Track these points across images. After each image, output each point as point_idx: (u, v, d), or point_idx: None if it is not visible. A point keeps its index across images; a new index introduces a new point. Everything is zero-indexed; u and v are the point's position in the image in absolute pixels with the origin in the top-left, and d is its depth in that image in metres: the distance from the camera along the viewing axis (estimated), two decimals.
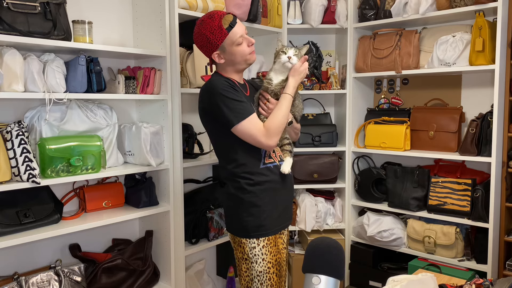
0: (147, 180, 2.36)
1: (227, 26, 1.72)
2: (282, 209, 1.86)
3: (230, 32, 1.73)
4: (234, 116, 1.68)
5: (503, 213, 2.62)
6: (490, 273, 2.55)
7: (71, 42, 1.96)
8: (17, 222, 1.87)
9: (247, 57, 1.80)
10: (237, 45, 1.76)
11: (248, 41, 1.78)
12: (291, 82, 1.80)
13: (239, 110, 1.68)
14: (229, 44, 1.75)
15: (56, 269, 2.02)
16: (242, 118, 1.68)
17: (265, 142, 1.70)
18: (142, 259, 2.32)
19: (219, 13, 1.76)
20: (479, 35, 2.52)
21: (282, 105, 1.76)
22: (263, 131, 1.70)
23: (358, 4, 3.06)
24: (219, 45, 1.75)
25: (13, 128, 1.84)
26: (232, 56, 1.78)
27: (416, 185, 2.86)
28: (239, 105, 1.69)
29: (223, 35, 1.73)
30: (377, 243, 2.98)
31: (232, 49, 1.76)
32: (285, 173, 1.81)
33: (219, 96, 1.69)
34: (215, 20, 1.73)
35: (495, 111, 2.50)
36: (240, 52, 1.77)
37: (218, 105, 1.69)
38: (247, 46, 1.78)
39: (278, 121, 1.73)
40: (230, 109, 1.68)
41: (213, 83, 1.73)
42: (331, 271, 0.94)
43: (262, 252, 1.78)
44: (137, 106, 2.50)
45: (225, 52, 1.77)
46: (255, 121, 1.71)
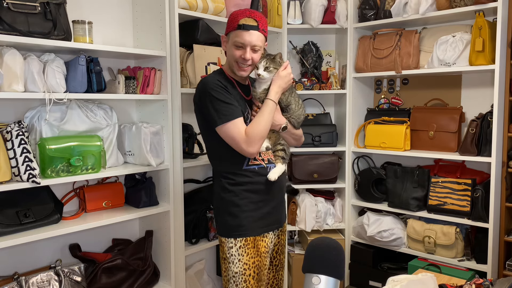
0: (147, 180, 2.36)
1: (241, 23, 1.71)
2: (266, 212, 1.82)
3: (236, 31, 1.72)
4: (218, 117, 1.67)
5: (503, 213, 2.62)
6: (490, 273, 2.55)
7: (71, 42, 1.96)
8: (17, 222, 1.87)
9: (233, 63, 1.77)
10: (234, 46, 1.74)
11: (245, 54, 1.73)
12: (272, 88, 1.76)
13: (225, 112, 1.67)
14: (231, 38, 1.75)
15: (56, 269, 2.02)
16: (226, 120, 1.67)
17: (245, 149, 1.68)
18: (142, 259, 2.32)
19: (253, 12, 1.75)
20: (479, 35, 2.52)
21: (263, 112, 1.73)
22: (244, 137, 1.67)
23: (358, 4, 3.06)
24: (228, 31, 1.77)
25: (13, 128, 1.84)
26: (228, 51, 1.78)
27: (416, 185, 2.86)
28: (226, 107, 1.67)
29: (231, 27, 1.74)
30: (377, 243, 2.98)
31: (230, 44, 1.76)
32: (270, 180, 1.76)
33: (208, 95, 1.69)
34: (243, 12, 1.73)
35: (495, 111, 2.50)
36: (231, 53, 1.76)
37: (206, 104, 1.69)
38: (240, 56, 1.74)
39: (259, 128, 1.69)
40: (216, 109, 1.67)
41: (206, 81, 1.74)
42: (331, 271, 0.94)
43: (239, 253, 1.75)
44: (137, 106, 2.50)
45: (228, 42, 1.78)
46: (239, 126, 1.68)
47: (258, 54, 1.76)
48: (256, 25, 1.72)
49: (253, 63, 1.77)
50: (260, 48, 1.76)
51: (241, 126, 1.68)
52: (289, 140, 1.90)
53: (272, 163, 1.83)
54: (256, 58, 1.76)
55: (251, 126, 1.70)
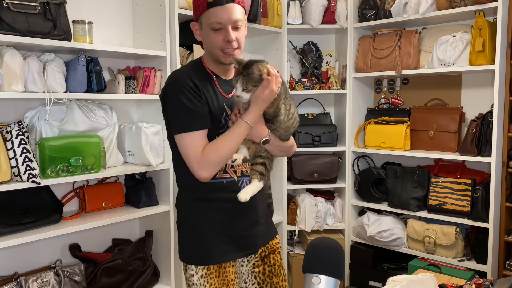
0: (147, 180, 2.36)
1: (209, 0, 1.37)
2: (238, 235, 1.47)
3: (209, 10, 1.38)
4: (175, 124, 1.39)
5: (503, 213, 2.62)
6: (490, 273, 2.55)
7: (71, 42, 1.96)
8: (17, 222, 1.87)
9: (215, 51, 1.42)
10: (210, 29, 1.40)
11: (228, 36, 1.39)
12: (251, 109, 1.38)
13: (184, 119, 1.36)
14: (205, 22, 1.41)
15: (56, 269, 2.02)
16: (182, 129, 1.36)
17: (196, 170, 1.36)
18: (142, 259, 2.32)
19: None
20: (479, 35, 2.52)
21: (231, 133, 1.38)
22: (198, 156, 1.35)
23: (358, 4, 3.06)
24: (198, 14, 1.43)
25: (13, 128, 1.84)
26: (205, 40, 1.46)
27: (416, 185, 2.86)
28: (187, 114, 1.36)
29: (201, 7, 1.40)
30: (377, 243, 2.98)
31: (206, 30, 1.42)
32: (241, 200, 1.38)
33: (171, 94, 1.40)
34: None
35: (495, 111, 2.50)
36: (210, 39, 1.42)
37: (167, 104, 1.42)
38: (221, 39, 1.40)
39: (219, 152, 1.36)
40: (175, 114, 1.39)
41: (174, 77, 1.44)
42: (331, 271, 0.94)
43: (201, 283, 1.44)
44: (137, 106, 2.50)
45: (201, 29, 1.45)
46: (197, 141, 1.36)
47: (242, 30, 1.43)
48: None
49: (239, 44, 1.43)
50: (243, 23, 1.43)
51: (199, 141, 1.36)
52: (275, 152, 1.50)
53: (247, 176, 1.48)
54: (241, 36, 1.43)
55: (210, 146, 1.36)
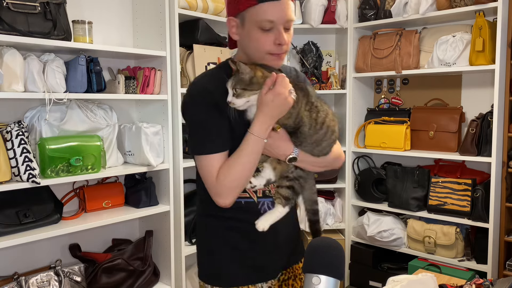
0: (147, 180, 2.36)
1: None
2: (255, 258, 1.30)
3: (259, 5, 1.15)
4: (193, 144, 1.24)
5: (503, 213, 2.61)
6: (490, 273, 2.55)
7: (71, 42, 1.96)
8: (17, 222, 1.87)
9: (261, 55, 1.21)
10: (258, 28, 1.17)
11: (278, 38, 1.18)
12: (256, 118, 1.18)
13: (201, 141, 1.21)
14: (250, 19, 1.18)
15: (56, 269, 2.02)
16: (199, 151, 1.21)
17: (213, 197, 1.21)
18: (142, 259, 2.32)
19: None
20: (479, 35, 2.52)
21: (240, 150, 1.19)
22: (213, 181, 1.19)
23: (358, 4, 3.06)
24: (239, 9, 1.18)
25: (13, 128, 1.84)
26: (246, 40, 1.21)
27: (416, 185, 2.86)
28: (205, 135, 1.20)
29: (249, 0, 1.16)
30: (377, 243, 2.98)
31: (251, 28, 1.18)
32: (258, 229, 1.23)
33: (188, 109, 1.23)
34: None
35: (495, 111, 2.50)
36: (256, 40, 1.19)
37: (185, 119, 1.25)
38: (271, 41, 1.18)
39: (232, 175, 1.18)
40: (192, 132, 1.23)
41: (193, 89, 1.24)
42: (331, 271, 0.94)
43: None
44: (137, 106, 2.50)
45: (243, 26, 1.20)
46: (212, 165, 1.19)
47: (291, 32, 1.23)
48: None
49: (287, 46, 1.22)
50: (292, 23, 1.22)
51: (215, 165, 1.19)
52: (311, 169, 1.29)
53: (270, 197, 1.28)
54: (290, 40, 1.22)
55: (222, 169, 1.19)
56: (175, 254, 2.40)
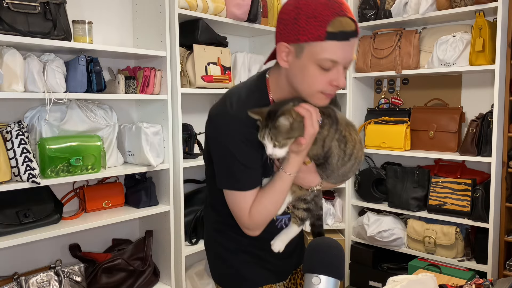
0: (147, 180, 2.36)
1: (331, 29, 1.04)
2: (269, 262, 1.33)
3: (326, 41, 1.05)
4: (226, 178, 1.19)
5: (503, 213, 2.61)
6: (490, 273, 2.55)
7: (71, 42, 1.96)
8: (17, 222, 1.87)
9: (312, 92, 1.12)
10: (316, 65, 1.08)
11: (336, 79, 1.10)
12: (290, 157, 1.15)
13: (232, 177, 1.17)
14: (311, 53, 1.07)
15: (56, 269, 2.02)
16: (230, 187, 1.18)
17: (245, 228, 1.22)
18: (142, 259, 2.32)
19: (336, 2, 1.06)
20: (479, 35, 2.52)
21: (274, 188, 1.17)
22: (245, 218, 1.19)
23: (358, 4, 3.06)
24: (299, 39, 1.07)
25: (13, 128, 1.84)
26: (298, 72, 1.11)
27: (416, 185, 2.86)
28: (237, 171, 1.16)
29: (315, 34, 1.05)
30: (377, 243, 2.98)
31: (308, 63, 1.09)
32: (274, 250, 1.27)
33: (222, 138, 1.15)
34: (330, 8, 1.05)
35: (495, 111, 2.50)
36: (310, 77, 1.10)
37: (216, 151, 1.19)
38: (327, 81, 1.10)
39: (265, 213, 1.19)
40: (223, 165, 1.18)
41: (230, 111, 1.14)
42: (331, 271, 0.94)
43: None
44: (137, 106, 2.50)
45: (298, 57, 1.09)
46: (245, 201, 1.18)
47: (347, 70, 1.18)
48: (355, 28, 1.08)
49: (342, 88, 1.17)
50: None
51: (248, 202, 1.18)
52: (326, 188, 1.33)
53: (287, 214, 1.30)
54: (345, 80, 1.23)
55: (256, 207, 1.18)
56: (175, 254, 2.40)
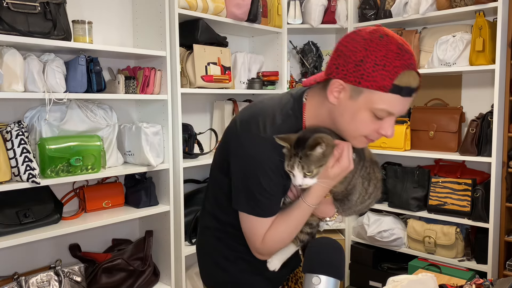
0: (147, 180, 2.36)
1: (398, 83, 1.01)
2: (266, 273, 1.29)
3: (389, 94, 1.01)
4: (247, 202, 1.15)
5: (503, 213, 2.61)
6: (490, 273, 2.55)
7: (71, 42, 1.96)
8: (17, 222, 1.87)
9: (355, 135, 1.10)
10: (370, 112, 1.04)
11: (385, 129, 1.07)
12: (315, 189, 1.12)
13: (255, 203, 1.13)
14: (369, 101, 1.03)
15: (56, 269, 2.01)
16: (251, 212, 1.15)
17: (256, 252, 1.20)
18: (142, 259, 2.32)
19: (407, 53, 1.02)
20: (479, 35, 2.52)
21: (292, 218, 1.15)
22: (259, 243, 1.17)
23: (358, 4, 3.06)
24: (361, 83, 1.02)
25: (13, 128, 1.84)
26: (347, 113, 1.07)
27: (416, 185, 2.86)
28: (260, 197, 1.12)
29: (379, 84, 1.00)
30: (377, 243, 2.98)
31: (363, 109, 1.05)
32: (270, 269, 1.24)
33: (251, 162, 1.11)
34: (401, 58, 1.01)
35: (495, 111, 2.50)
36: (360, 122, 1.06)
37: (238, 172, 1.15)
38: (375, 129, 1.07)
39: (280, 242, 1.18)
40: (246, 188, 1.13)
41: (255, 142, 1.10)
42: (331, 271, 0.94)
43: None
44: (137, 106, 2.50)
45: (352, 99, 1.05)
46: (261, 227, 1.15)
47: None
48: (419, 84, 1.07)
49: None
50: None
51: (264, 228, 1.16)
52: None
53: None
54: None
55: (271, 235, 1.16)
56: (175, 254, 2.40)
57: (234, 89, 2.71)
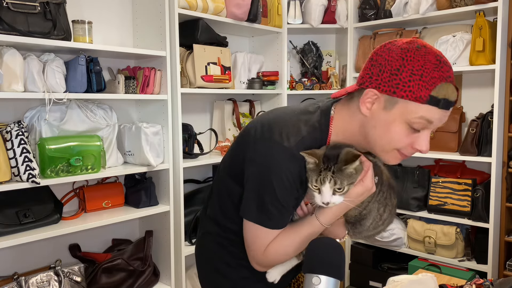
0: (147, 180, 2.36)
1: (435, 95, 0.97)
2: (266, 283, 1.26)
3: (426, 105, 0.97)
4: (255, 210, 1.10)
5: (504, 213, 2.61)
6: (491, 273, 2.55)
7: (71, 42, 1.96)
8: (17, 222, 1.87)
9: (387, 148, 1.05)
10: (405, 124, 1.00)
11: (419, 143, 1.02)
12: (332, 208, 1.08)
13: (269, 214, 1.09)
14: (403, 109, 0.99)
15: (56, 269, 2.01)
16: (260, 222, 1.10)
17: (255, 262, 1.17)
18: (142, 259, 2.32)
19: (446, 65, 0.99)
20: (480, 35, 2.51)
21: (301, 234, 1.11)
22: (260, 253, 1.13)
23: (358, 4, 3.06)
24: (396, 93, 0.99)
25: (13, 128, 1.84)
26: (380, 125, 1.03)
27: (417, 185, 2.85)
28: (272, 208, 1.08)
29: (416, 94, 0.97)
30: (377, 243, 2.98)
31: (398, 120, 1.00)
32: (269, 280, 1.21)
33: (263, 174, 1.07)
34: (440, 70, 0.97)
35: (495, 111, 2.49)
36: (395, 134, 1.02)
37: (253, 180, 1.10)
38: (410, 142, 1.03)
39: (283, 255, 1.14)
40: (259, 200, 1.09)
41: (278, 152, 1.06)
42: (331, 271, 0.94)
43: None
44: (137, 106, 2.50)
45: (386, 109, 1.01)
46: (267, 238, 1.12)
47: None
48: (457, 98, 1.02)
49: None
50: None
51: (269, 239, 1.12)
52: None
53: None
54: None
55: (275, 247, 1.12)
56: (175, 254, 2.40)
57: (234, 89, 2.71)
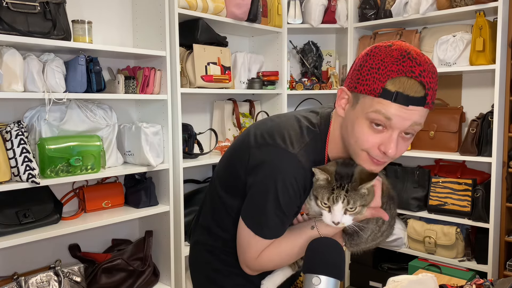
0: (147, 180, 2.36)
1: (389, 87, 0.92)
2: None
3: (380, 98, 0.93)
4: (254, 217, 1.08)
5: (504, 213, 2.61)
6: (491, 273, 2.55)
7: (70, 42, 1.96)
8: (16, 222, 1.87)
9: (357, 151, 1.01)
10: (365, 120, 0.97)
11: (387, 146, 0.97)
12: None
13: (265, 223, 1.07)
14: (363, 104, 0.97)
15: (55, 269, 2.01)
16: (258, 231, 1.08)
17: (245, 266, 1.14)
18: (142, 259, 2.32)
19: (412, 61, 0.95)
20: (480, 35, 2.51)
21: (297, 242, 1.09)
22: (253, 259, 1.11)
23: (358, 4, 3.05)
24: (357, 88, 0.98)
25: (12, 128, 1.84)
26: (349, 124, 1.01)
27: (417, 185, 2.85)
28: (272, 219, 1.06)
29: (371, 87, 0.94)
30: None
31: (359, 116, 0.98)
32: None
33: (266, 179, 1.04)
34: (400, 64, 0.93)
35: (495, 111, 2.49)
36: (358, 132, 0.99)
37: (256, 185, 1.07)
38: (373, 143, 0.98)
39: (277, 262, 1.13)
40: (259, 206, 1.07)
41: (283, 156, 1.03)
42: (331, 271, 0.94)
43: None
44: (137, 106, 2.50)
45: (353, 107, 1.00)
46: (262, 246, 1.10)
47: (409, 140, 1.02)
48: (423, 96, 0.95)
49: (395, 157, 1.02)
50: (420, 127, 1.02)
51: (265, 246, 1.11)
52: None
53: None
54: (403, 149, 1.01)
55: (269, 254, 1.10)
56: (175, 254, 2.40)
57: (234, 89, 2.71)
